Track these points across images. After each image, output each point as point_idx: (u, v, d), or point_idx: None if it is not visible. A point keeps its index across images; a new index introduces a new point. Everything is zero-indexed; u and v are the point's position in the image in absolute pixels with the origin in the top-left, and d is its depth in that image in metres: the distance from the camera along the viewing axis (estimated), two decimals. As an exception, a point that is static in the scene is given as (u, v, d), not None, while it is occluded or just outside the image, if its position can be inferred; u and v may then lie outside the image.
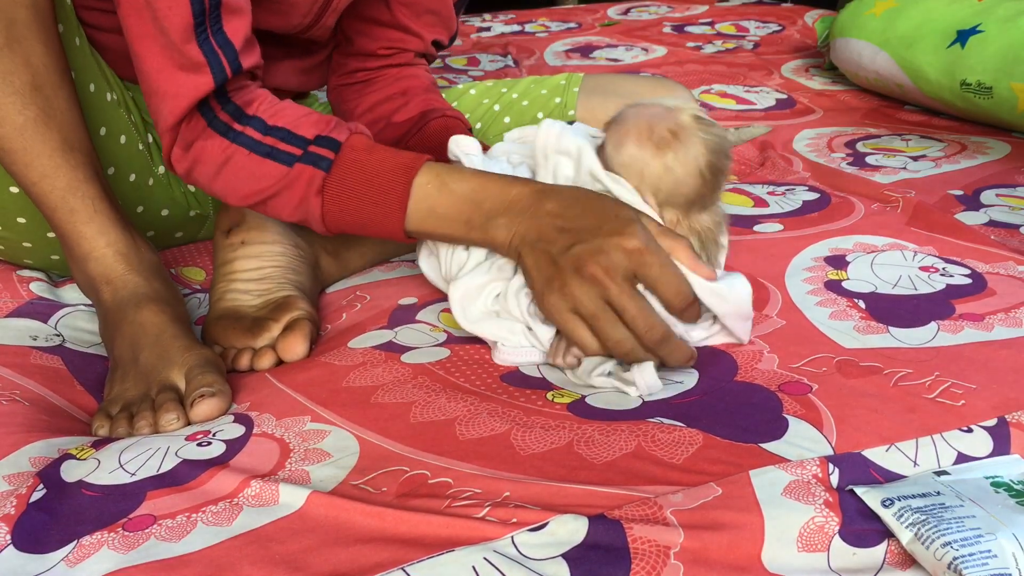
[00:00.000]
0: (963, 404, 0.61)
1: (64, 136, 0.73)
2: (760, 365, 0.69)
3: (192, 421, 0.67)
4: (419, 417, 0.64)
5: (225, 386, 0.69)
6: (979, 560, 0.46)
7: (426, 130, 0.90)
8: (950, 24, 1.31)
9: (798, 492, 0.52)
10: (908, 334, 0.72)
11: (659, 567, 0.48)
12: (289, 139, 0.72)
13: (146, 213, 0.93)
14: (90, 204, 0.74)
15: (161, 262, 0.80)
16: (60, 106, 0.73)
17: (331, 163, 0.71)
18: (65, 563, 0.52)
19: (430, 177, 0.70)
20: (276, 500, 0.56)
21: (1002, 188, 1.06)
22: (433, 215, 0.71)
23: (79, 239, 0.75)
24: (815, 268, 0.85)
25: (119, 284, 0.75)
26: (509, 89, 1.09)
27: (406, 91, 0.95)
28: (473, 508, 0.53)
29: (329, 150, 0.71)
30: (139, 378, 0.70)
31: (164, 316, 0.73)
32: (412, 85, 0.95)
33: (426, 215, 0.71)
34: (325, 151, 0.71)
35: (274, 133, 0.72)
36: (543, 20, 2.26)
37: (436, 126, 0.90)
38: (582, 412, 0.64)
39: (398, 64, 0.97)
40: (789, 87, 1.62)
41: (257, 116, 0.72)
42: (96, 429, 0.67)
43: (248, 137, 0.72)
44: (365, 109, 0.95)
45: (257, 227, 0.82)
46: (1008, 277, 0.81)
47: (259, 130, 0.72)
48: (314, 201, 0.72)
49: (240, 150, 0.72)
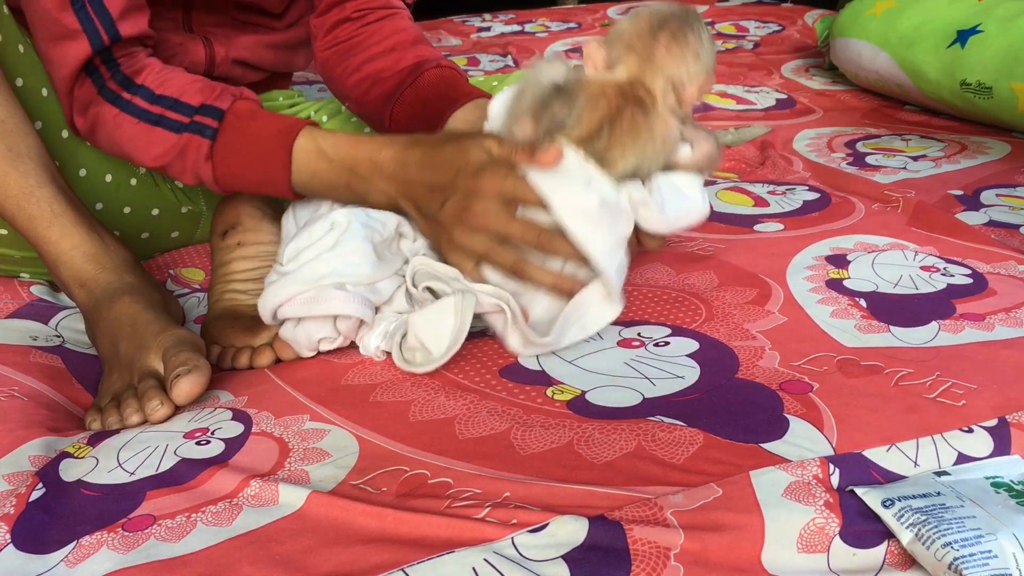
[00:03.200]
0: (964, 404, 0.61)
1: (8, 145, 0.73)
2: (761, 362, 0.69)
3: (176, 403, 0.67)
4: (418, 416, 0.64)
5: (201, 360, 0.68)
6: (979, 560, 0.46)
7: (420, 81, 0.89)
8: (950, 24, 1.31)
9: (798, 493, 0.52)
10: (909, 333, 0.72)
11: (659, 568, 0.48)
12: (175, 107, 0.76)
13: (135, 214, 0.93)
14: (47, 209, 0.75)
15: (133, 257, 0.80)
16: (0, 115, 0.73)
17: (215, 131, 0.75)
18: (65, 563, 0.52)
19: (308, 143, 0.74)
20: (276, 500, 0.56)
21: (1002, 188, 1.06)
22: (316, 179, 0.75)
23: (44, 244, 0.75)
24: (816, 267, 0.85)
25: (91, 284, 0.75)
26: (500, 83, 1.09)
27: (395, 47, 0.93)
28: (473, 509, 0.53)
29: (212, 119, 0.75)
30: (122, 369, 0.71)
31: (137, 305, 0.73)
32: (400, 40, 0.94)
33: (309, 178, 0.75)
34: (209, 120, 0.75)
35: (160, 102, 0.76)
36: (543, 20, 2.26)
37: (431, 76, 0.89)
38: (582, 410, 0.64)
39: (378, 19, 0.96)
40: (789, 87, 1.62)
41: (144, 85, 0.77)
42: (90, 423, 0.68)
43: (135, 106, 0.76)
44: (353, 69, 0.94)
45: (252, 229, 0.83)
46: (1009, 277, 0.81)
47: (146, 99, 0.77)
48: (205, 166, 0.76)
49: (128, 118, 0.76)
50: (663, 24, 0.71)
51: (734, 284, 0.82)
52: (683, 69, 0.71)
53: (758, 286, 0.81)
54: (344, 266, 0.71)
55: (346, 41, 0.95)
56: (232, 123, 0.75)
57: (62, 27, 0.74)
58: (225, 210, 0.84)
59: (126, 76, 0.78)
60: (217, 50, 0.93)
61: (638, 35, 0.71)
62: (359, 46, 0.95)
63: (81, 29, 0.74)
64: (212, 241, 0.85)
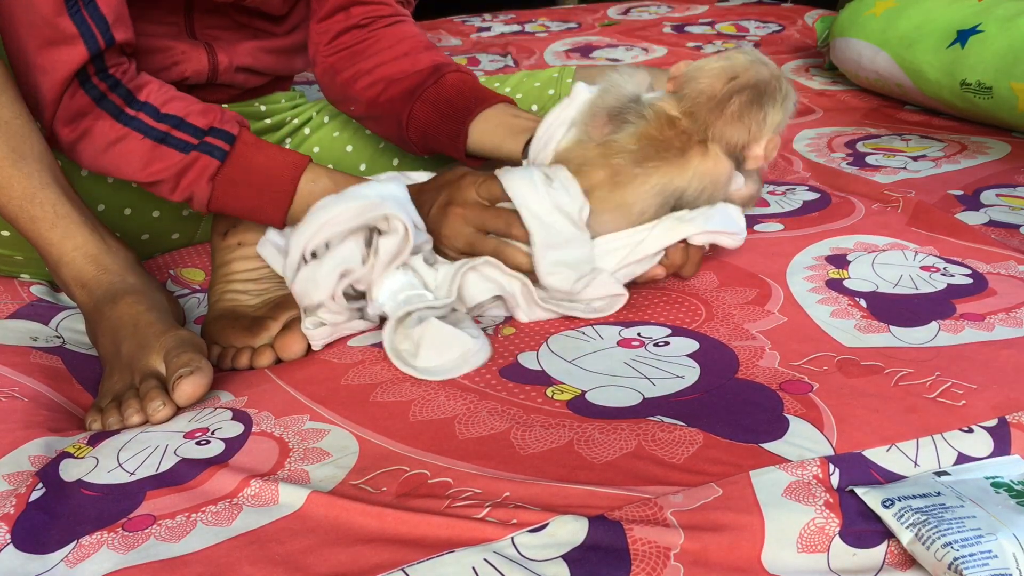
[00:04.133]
0: (964, 404, 0.61)
1: (12, 146, 0.73)
2: (761, 362, 0.69)
3: (178, 404, 0.67)
4: (418, 416, 0.64)
5: (203, 362, 0.69)
6: (979, 560, 0.46)
7: (444, 81, 0.89)
8: (950, 24, 1.31)
9: (798, 493, 0.52)
10: (909, 333, 0.72)
11: (659, 568, 0.48)
12: (182, 127, 0.78)
13: (135, 215, 0.93)
14: (50, 210, 0.75)
15: (135, 258, 0.80)
16: (3, 116, 0.73)
17: (226, 154, 0.78)
18: (65, 563, 0.52)
19: (312, 179, 0.79)
20: (276, 500, 0.56)
21: (1002, 188, 1.06)
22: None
23: (47, 246, 0.75)
24: (816, 267, 0.85)
25: (93, 285, 0.75)
26: (501, 84, 1.09)
27: (408, 51, 0.94)
28: (473, 508, 0.53)
29: (224, 142, 0.79)
30: (123, 370, 0.71)
31: (140, 306, 0.73)
32: (414, 45, 0.94)
33: (303, 210, 0.76)
34: (220, 143, 0.78)
35: (167, 120, 0.78)
36: (543, 20, 2.26)
37: (454, 79, 0.90)
38: (582, 410, 0.64)
39: (386, 25, 0.96)
40: (789, 87, 1.61)
41: (149, 103, 0.79)
42: (90, 424, 0.68)
43: (141, 122, 0.78)
44: (364, 72, 0.94)
45: (253, 229, 0.83)
46: (1009, 277, 0.81)
47: (152, 116, 0.78)
48: (204, 186, 0.79)
49: (133, 134, 0.78)
50: (734, 93, 0.73)
51: (734, 284, 0.82)
52: (743, 135, 0.74)
53: (758, 286, 0.81)
54: (391, 195, 0.73)
55: (355, 45, 0.95)
56: (242, 151, 0.79)
57: (57, 32, 0.74)
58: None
59: (129, 91, 0.78)
60: (220, 58, 0.93)
61: (708, 96, 0.74)
62: (369, 50, 0.95)
63: (78, 33, 0.74)
64: (212, 241, 0.85)
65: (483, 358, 0.71)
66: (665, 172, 0.75)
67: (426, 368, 0.70)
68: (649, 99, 0.77)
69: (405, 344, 0.72)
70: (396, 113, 0.91)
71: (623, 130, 0.75)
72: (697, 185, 0.76)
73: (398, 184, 0.77)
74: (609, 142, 0.75)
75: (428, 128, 0.88)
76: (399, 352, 0.71)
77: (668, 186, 0.76)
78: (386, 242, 0.72)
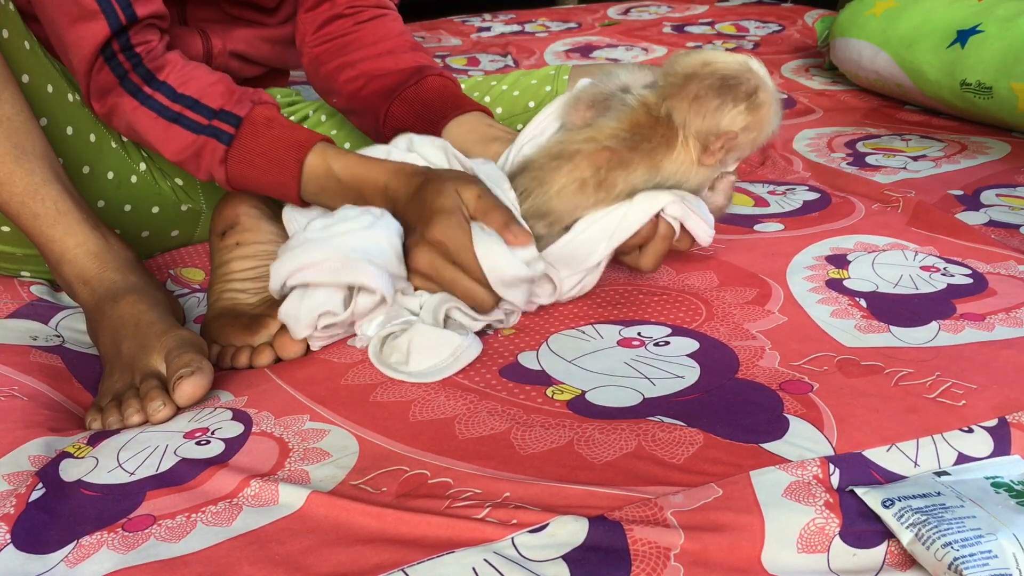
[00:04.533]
0: (964, 404, 0.61)
1: (14, 143, 0.73)
2: (762, 362, 0.69)
3: (178, 404, 0.67)
4: (418, 416, 0.64)
5: (204, 362, 0.69)
6: (980, 560, 0.46)
7: (425, 83, 0.91)
8: (950, 24, 1.31)
9: (799, 493, 0.52)
10: (909, 333, 0.72)
11: (659, 568, 0.48)
12: (195, 108, 0.79)
13: (135, 212, 0.93)
14: (52, 207, 0.75)
15: (136, 256, 0.80)
16: (6, 112, 0.73)
17: (231, 137, 0.78)
18: (65, 563, 0.52)
19: (318, 160, 0.78)
20: (276, 500, 0.56)
21: (1002, 188, 1.06)
22: (324, 193, 0.79)
23: (48, 243, 0.75)
24: (816, 267, 0.85)
25: (95, 283, 0.75)
26: (499, 82, 1.09)
27: (393, 49, 0.95)
28: (473, 509, 0.53)
29: (229, 124, 0.78)
30: (124, 369, 0.71)
31: (141, 305, 0.73)
32: (399, 43, 0.95)
33: (318, 192, 0.79)
34: (226, 125, 0.78)
35: (181, 100, 0.79)
36: (543, 20, 2.26)
37: (435, 82, 0.91)
38: (582, 410, 0.64)
39: (370, 17, 0.97)
40: (789, 87, 1.62)
41: (167, 82, 0.79)
42: (90, 423, 0.68)
43: (156, 101, 0.79)
44: (348, 65, 0.94)
45: (251, 229, 0.83)
46: (1009, 277, 0.81)
47: (168, 96, 0.79)
48: (219, 168, 0.79)
49: (148, 112, 0.79)
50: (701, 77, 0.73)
51: (734, 284, 0.82)
52: (699, 121, 0.73)
53: (758, 286, 0.81)
54: (375, 248, 0.72)
55: (340, 38, 0.96)
56: (248, 130, 0.78)
57: (81, 8, 0.76)
58: (224, 210, 0.84)
59: (149, 71, 0.79)
60: (214, 42, 0.93)
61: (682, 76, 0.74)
62: (355, 43, 0.95)
63: (99, 9, 0.77)
64: (211, 241, 0.85)
65: (474, 353, 0.71)
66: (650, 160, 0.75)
67: (420, 371, 0.70)
68: (639, 89, 0.77)
69: (394, 356, 0.72)
70: (375, 108, 0.92)
71: (606, 116, 0.75)
72: (679, 176, 0.76)
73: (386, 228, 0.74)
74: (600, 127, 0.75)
75: (403, 126, 0.89)
76: (389, 364, 0.71)
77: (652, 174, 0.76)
78: (364, 300, 0.73)
